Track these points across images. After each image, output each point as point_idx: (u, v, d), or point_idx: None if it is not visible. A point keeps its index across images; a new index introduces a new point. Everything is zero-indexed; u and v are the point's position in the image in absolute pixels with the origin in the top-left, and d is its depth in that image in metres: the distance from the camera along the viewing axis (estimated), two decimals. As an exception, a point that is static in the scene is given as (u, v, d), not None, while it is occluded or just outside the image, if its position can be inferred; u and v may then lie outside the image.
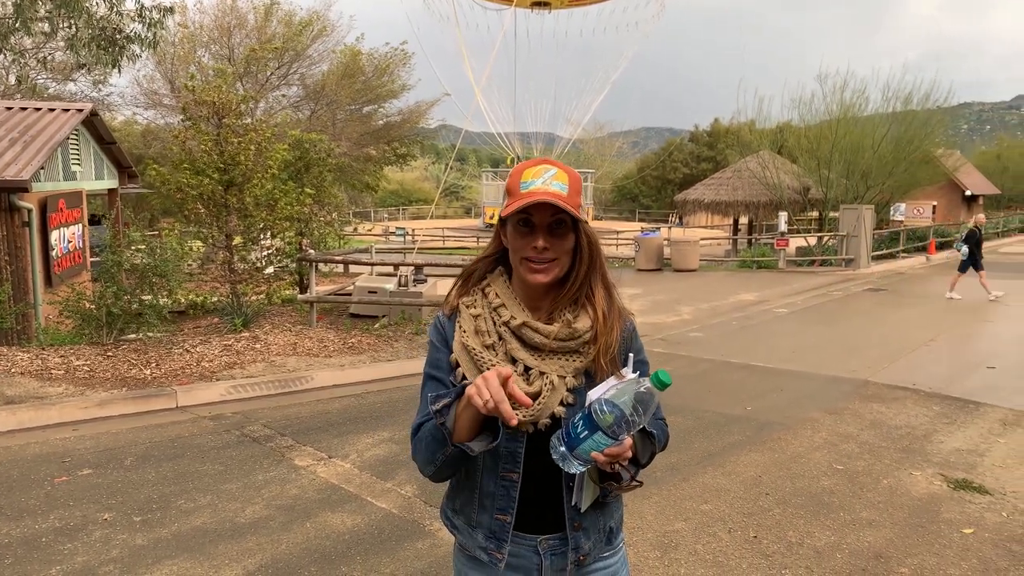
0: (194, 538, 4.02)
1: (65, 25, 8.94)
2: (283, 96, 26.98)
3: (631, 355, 1.57)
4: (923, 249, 22.99)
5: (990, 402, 6.81)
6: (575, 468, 1.43)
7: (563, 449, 1.43)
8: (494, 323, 1.56)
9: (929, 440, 5.74)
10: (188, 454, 5.37)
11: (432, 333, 1.66)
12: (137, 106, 25.27)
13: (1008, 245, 28.33)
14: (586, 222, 1.54)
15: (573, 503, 1.55)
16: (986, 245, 27.73)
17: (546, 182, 1.49)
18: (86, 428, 6.00)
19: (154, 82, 24.51)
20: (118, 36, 9.36)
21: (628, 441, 1.40)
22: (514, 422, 1.37)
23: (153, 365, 7.54)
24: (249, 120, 10.31)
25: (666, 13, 32.38)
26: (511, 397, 1.35)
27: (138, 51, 9.95)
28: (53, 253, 10.13)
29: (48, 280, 9.91)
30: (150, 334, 8.37)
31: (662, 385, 1.38)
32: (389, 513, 4.36)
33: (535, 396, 1.50)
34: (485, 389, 1.33)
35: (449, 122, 37.17)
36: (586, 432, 1.39)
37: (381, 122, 29.49)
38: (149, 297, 8.43)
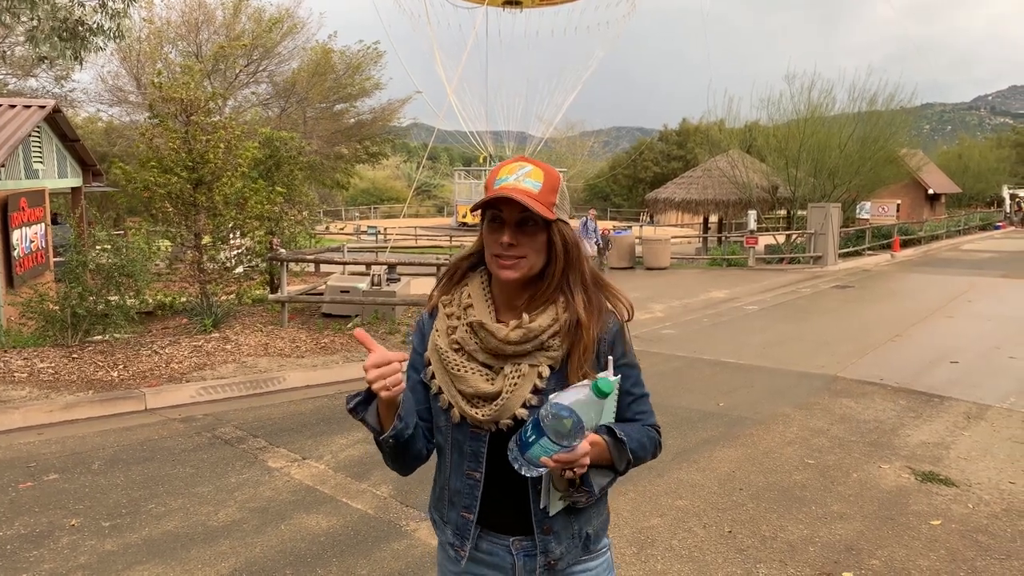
0: (165, 543, 3.95)
1: (26, 17, 8.70)
2: (253, 94, 26.65)
3: (610, 358, 1.54)
4: (888, 247, 23.46)
5: (954, 396, 6.97)
6: (530, 472, 1.41)
7: (517, 451, 1.42)
8: (463, 323, 1.57)
9: (896, 434, 5.86)
10: (158, 457, 5.27)
11: (415, 333, 1.69)
12: (101, 103, 24.77)
13: (969, 242, 29.02)
14: (562, 221, 1.53)
15: (541, 506, 1.53)
16: (947, 243, 28.50)
17: (518, 179, 1.49)
18: (52, 432, 5.86)
19: (119, 78, 24.04)
20: (80, 28, 9.11)
21: (582, 447, 1.38)
22: (384, 394, 1.39)
23: (120, 367, 7.39)
24: (218, 118, 10.14)
25: (636, 13, 32.65)
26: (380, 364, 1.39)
27: (101, 43, 9.71)
28: (15, 253, 9.87)
29: (9, 281, 9.66)
30: (117, 335, 8.20)
31: (600, 393, 1.35)
32: (365, 514, 4.33)
33: (495, 396, 1.50)
34: (381, 379, 1.39)
35: (421, 120, 37.14)
36: (534, 437, 1.37)
37: (352, 120, 29.27)
38: (116, 298, 8.26)
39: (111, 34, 9.37)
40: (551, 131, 43.32)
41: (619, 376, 1.54)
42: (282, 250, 11.19)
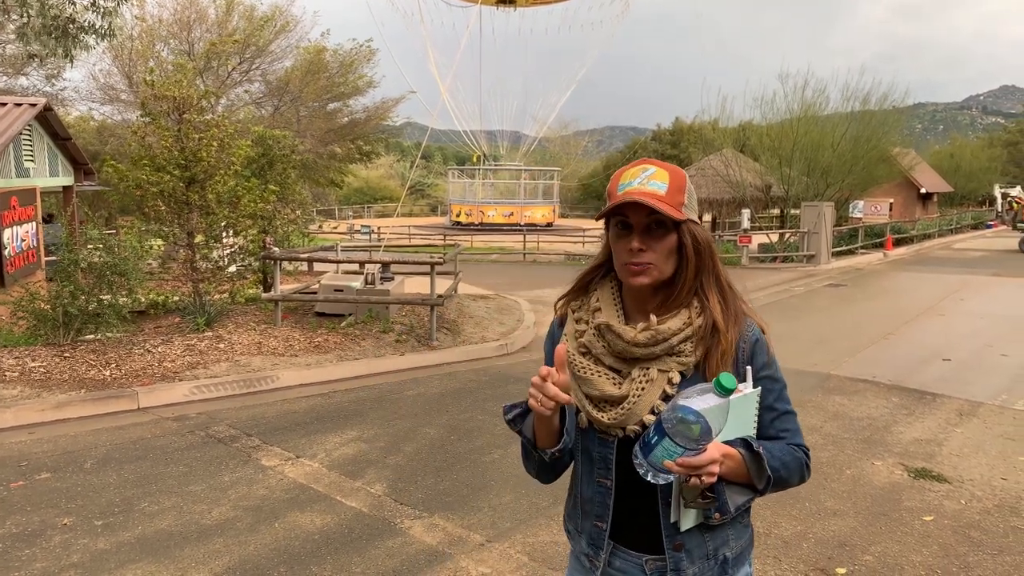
0: (159, 541, 3.93)
1: (16, 15, 8.65)
2: (246, 92, 26.59)
3: (749, 368, 1.46)
4: (880, 246, 23.55)
5: (946, 393, 7.00)
6: (655, 478, 1.35)
7: (641, 455, 1.35)
8: (591, 327, 1.55)
9: (889, 431, 5.88)
10: (151, 456, 5.25)
11: (546, 339, 1.70)
12: (93, 101, 24.67)
13: (961, 241, 29.16)
14: (693, 221, 1.48)
15: (672, 520, 1.46)
16: (939, 241, 28.63)
17: (642, 182, 1.45)
18: (43, 431, 5.83)
19: (111, 77, 23.95)
20: (71, 26, 9.07)
21: (709, 453, 1.31)
22: (563, 399, 1.37)
23: (113, 366, 7.35)
24: (211, 116, 10.09)
25: (630, 13, 32.68)
26: (554, 396, 1.37)
27: (92, 42, 9.66)
28: (6, 252, 9.82)
29: (1, 280, 9.61)
30: (109, 334, 8.15)
31: (723, 390, 1.26)
32: (359, 512, 4.32)
33: (622, 400, 1.47)
34: (537, 392, 1.37)
35: (415, 119, 37.08)
36: (656, 438, 1.31)
37: (346, 119, 29.23)
38: (108, 296, 8.21)
39: (102, 33, 9.33)
40: (545, 130, 43.35)
41: (759, 389, 1.47)
42: (275, 249, 11.16)
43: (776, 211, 25.28)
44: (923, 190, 35.50)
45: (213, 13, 24.70)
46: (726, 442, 1.40)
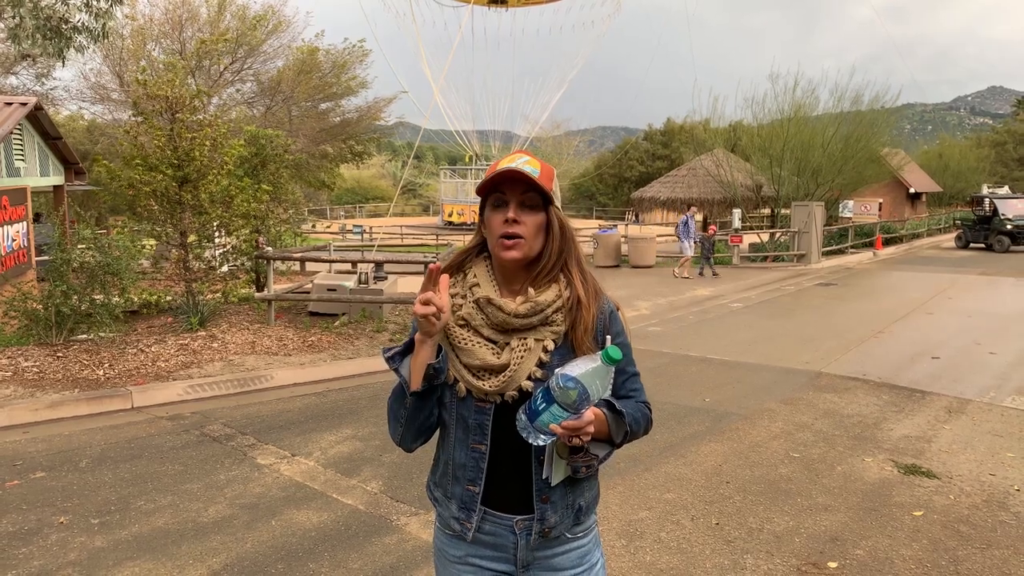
0: (156, 539, 3.94)
1: (8, 15, 8.62)
2: (237, 92, 26.49)
3: (608, 337, 1.61)
4: (870, 245, 23.71)
5: (935, 391, 7.08)
6: (538, 440, 1.48)
7: (525, 420, 1.48)
8: (469, 301, 1.65)
9: (879, 428, 5.95)
10: (146, 455, 5.25)
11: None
12: (83, 100, 24.51)
13: (949, 240, 29.36)
14: (558, 208, 1.64)
15: (544, 477, 1.59)
16: (928, 241, 28.85)
17: (519, 165, 1.59)
18: (37, 430, 5.82)
19: (102, 76, 23.80)
20: (64, 26, 9.04)
21: (587, 415, 1.45)
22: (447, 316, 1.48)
23: (106, 365, 7.34)
24: (203, 115, 10.06)
25: (621, 13, 32.73)
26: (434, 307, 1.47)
27: (85, 42, 9.63)
28: (-3, 252, 9.78)
29: (-8, 280, 9.56)
30: (102, 334, 8.14)
31: (610, 360, 1.43)
32: (355, 509, 4.34)
33: (502, 368, 1.57)
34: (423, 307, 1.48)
35: (407, 119, 36.96)
36: (544, 404, 1.44)
37: (338, 119, 29.16)
38: (100, 296, 8.19)
39: (95, 34, 9.30)
40: (536, 130, 43.38)
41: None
42: (268, 248, 11.15)
43: (767, 211, 25.43)
44: (912, 190, 35.77)
45: (205, 12, 24.61)
46: None
